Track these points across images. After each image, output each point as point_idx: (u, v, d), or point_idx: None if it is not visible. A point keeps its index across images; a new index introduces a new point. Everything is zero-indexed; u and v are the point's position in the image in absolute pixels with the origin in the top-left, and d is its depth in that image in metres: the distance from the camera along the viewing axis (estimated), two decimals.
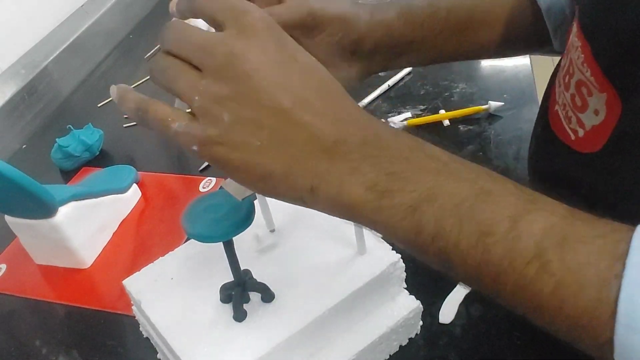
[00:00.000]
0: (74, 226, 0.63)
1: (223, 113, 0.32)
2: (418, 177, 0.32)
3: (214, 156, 0.33)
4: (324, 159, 0.33)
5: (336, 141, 0.33)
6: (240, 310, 0.46)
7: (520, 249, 0.29)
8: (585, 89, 0.41)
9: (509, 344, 0.50)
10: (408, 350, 0.52)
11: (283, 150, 0.32)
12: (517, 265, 0.29)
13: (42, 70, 0.97)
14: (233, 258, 0.45)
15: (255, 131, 0.32)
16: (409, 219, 0.32)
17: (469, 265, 0.31)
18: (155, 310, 0.48)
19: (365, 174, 0.32)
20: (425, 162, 0.33)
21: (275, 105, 0.32)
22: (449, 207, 0.31)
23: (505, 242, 0.30)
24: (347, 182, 0.33)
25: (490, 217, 0.30)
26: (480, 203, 0.31)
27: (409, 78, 0.90)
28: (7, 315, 0.63)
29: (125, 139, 0.88)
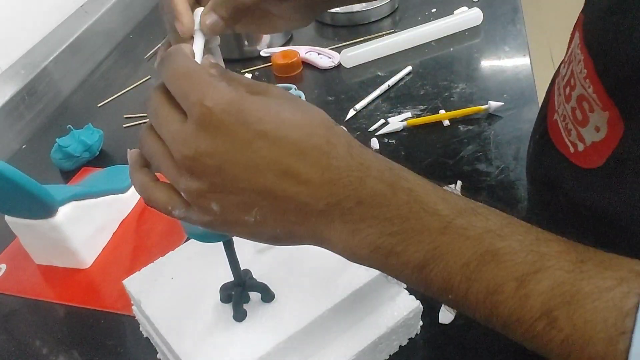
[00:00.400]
0: (74, 226, 0.63)
1: (210, 204, 0.33)
2: (420, 238, 0.32)
3: (221, 231, 0.35)
4: (321, 221, 0.33)
5: (328, 204, 0.33)
6: (240, 310, 0.46)
7: (529, 307, 0.30)
8: (587, 104, 0.40)
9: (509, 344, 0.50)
10: (408, 350, 0.52)
11: (279, 219, 0.33)
12: (525, 321, 0.30)
13: (42, 70, 0.97)
14: (233, 258, 0.45)
15: (246, 211, 0.33)
16: (416, 275, 0.33)
17: (478, 315, 0.33)
18: (155, 310, 0.48)
19: (367, 236, 0.33)
20: (426, 219, 0.33)
21: (255, 187, 0.32)
22: (456, 268, 0.32)
23: (513, 301, 0.30)
24: (349, 243, 0.33)
25: (497, 278, 0.31)
26: (486, 264, 0.31)
27: (409, 78, 0.90)
28: (7, 315, 0.63)
29: (125, 139, 0.88)
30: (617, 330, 0.28)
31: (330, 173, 0.33)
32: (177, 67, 0.33)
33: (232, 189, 0.32)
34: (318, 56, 0.97)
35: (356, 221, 0.33)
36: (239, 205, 0.33)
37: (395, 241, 0.33)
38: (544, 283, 0.30)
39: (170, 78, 0.33)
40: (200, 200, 0.33)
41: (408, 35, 0.97)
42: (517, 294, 0.30)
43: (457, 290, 0.32)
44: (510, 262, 0.31)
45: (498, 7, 1.02)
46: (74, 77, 1.05)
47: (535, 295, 0.30)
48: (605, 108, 0.38)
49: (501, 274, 0.31)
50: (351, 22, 1.07)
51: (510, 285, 0.30)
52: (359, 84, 0.91)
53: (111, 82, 1.05)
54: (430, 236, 0.32)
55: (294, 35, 1.08)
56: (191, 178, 0.33)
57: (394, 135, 0.78)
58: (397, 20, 1.07)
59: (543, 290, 0.30)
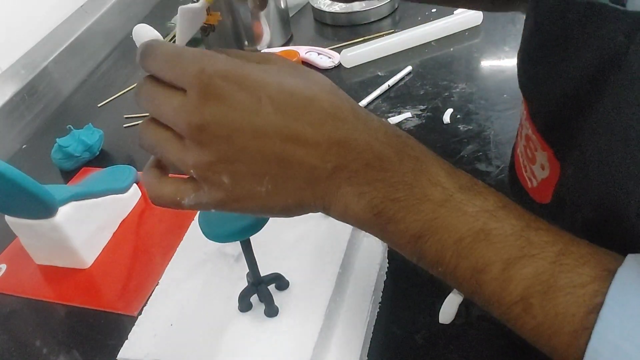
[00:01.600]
0: (74, 226, 0.63)
1: (221, 177, 0.33)
2: (421, 207, 0.33)
3: (232, 210, 0.35)
4: (330, 185, 0.34)
5: (336, 166, 0.33)
6: (273, 306, 0.46)
7: (510, 290, 0.32)
8: (532, 144, 0.42)
9: (509, 344, 0.50)
10: (408, 350, 0.52)
11: (290, 187, 0.33)
12: (504, 303, 0.33)
13: (42, 71, 0.97)
14: (250, 257, 0.45)
15: (257, 181, 0.33)
16: (412, 245, 0.35)
17: (464, 289, 0.35)
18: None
19: (371, 199, 0.34)
20: (429, 189, 0.34)
21: (264, 154, 0.32)
22: (449, 242, 0.33)
23: (497, 282, 0.32)
24: (354, 207, 0.34)
25: (485, 258, 0.33)
26: (478, 242, 0.33)
27: (409, 78, 0.90)
28: (7, 315, 0.63)
29: (125, 139, 0.88)
30: (581, 325, 0.30)
31: (337, 135, 0.33)
32: (166, 50, 0.33)
33: (242, 159, 0.32)
34: (318, 56, 0.97)
35: (362, 184, 0.33)
36: (250, 175, 0.33)
37: (397, 207, 0.33)
38: (526, 270, 0.32)
39: (162, 63, 0.33)
40: (210, 173, 0.33)
41: (408, 35, 0.97)
42: (502, 276, 0.32)
43: (447, 264, 0.34)
44: (500, 244, 0.32)
45: None
46: (74, 77, 1.05)
47: (517, 280, 0.32)
48: (544, 148, 0.40)
49: (490, 255, 0.32)
50: (351, 22, 1.07)
51: (496, 267, 0.32)
52: (359, 84, 0.91)
53: (111, 82, 1.05)
54: (430, 207, 0.33)
55: (294, 35, 1.08)
56: (200, 150, 0.32)
57: None
58: (397, 20, 1.07)
59: (525, 277, 0.32)
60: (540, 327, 0.32)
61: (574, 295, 0.30)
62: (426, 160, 0.34)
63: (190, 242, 0.55)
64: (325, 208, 0.35)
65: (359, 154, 0.33)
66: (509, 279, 0.32)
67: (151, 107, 0.34)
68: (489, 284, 0.33)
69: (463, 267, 0.33)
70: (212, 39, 1.02)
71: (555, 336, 0.31)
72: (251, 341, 0.45)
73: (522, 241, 0.32)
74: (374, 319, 0.54)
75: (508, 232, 0.32)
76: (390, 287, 0.57)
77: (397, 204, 0.33)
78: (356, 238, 0.55)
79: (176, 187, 0.35)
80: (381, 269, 0.56)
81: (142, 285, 0.62)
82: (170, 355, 0.46)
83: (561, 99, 0.36)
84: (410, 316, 0.54)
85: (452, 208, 0.33)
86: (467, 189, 0.34)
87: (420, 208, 0.33)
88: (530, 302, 0.31)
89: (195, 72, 0.31)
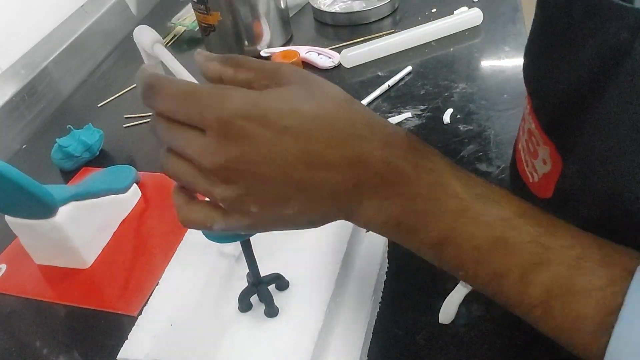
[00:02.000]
0: (74, 226, 0.63)
1: (249, 206, 0.34)
2: (439, 218, 0.35)
3: (262, 231, 0.37)
4: (351, 200, 0.35)
5: (356, 184, 0.35)
6: (273, 306, 0.46)
7: (529, 295, 0.33)
8: (534, 139, 0.43)
9: (509, 344, 0.50)
10: (408, 350, 0.52)
11: (315, 205, 0.35)
12: (525, 306, 0.34)
13: (42, 70, 0.97)
14: (251, 257, 0.45)
15: (284, 205, 0.35)
16: (432, 252, 0.36)
17: (484, 292, 0.36)
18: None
19: (391, 212, 0.35)
20: (446, 202, 0.35)
21: (288, 182, 0.33)
22: (467, 250, 0.34)
23: (516, 287, 0.34)
24: (375, 218, 0.36)
25: (504, 265, 0.34)
26: (496, 250, 0.34)
27: (409, 78, 0.90)
28: (7, 315, 0.63)
29: (125, 139, 0.88)
30: (601, 327, 0.31)
31: (355, 154, 0.34)
32: (176, 90, 0.33)
33: (268, 189, 0.34)
34: (318, 56, 0.97)
35: (382, 198, 0.35)
36: (276, 201, 0.34)
37: (415, 219, 0.35)
38: (545, 275, 0.33)
39: (174, 104, 0.33)
40: (239, 204, 0.34)
41: (408, 35, 0.97)
42: (520, 281, 0.33)
43: (467, 270, 0.35)
44: (518, 251, 0.33)
45: (498, 7, 1.02)
46: (74, 77, 1.05)
47: (535, 285, 0.33)
48: (546, 143, 0.41)
49: (508, 261, 0.34)
50: (351, 22, 1.07)
51: (515, 273, 0.33)
52: (359, 84, 0.91)
53: (111, 82, 1.05)
54: (447, 218, 0.35)
55: (294, 35, 1.08)
56: (226, 186, 0.33)
57: None
58: (397, 20, 1.07)
59: (543, 282, 0.33)
60: (560, 328, 0.33)
61: (593, 297, 0.31)
62: (442, 172, 0.35)
63: (190, 242, 0.55)
64: (349, 218, 0.37)
65: (377, 171, 0.34)
66: (528, 283, 0.33)
67: (171, 143, 0.35)
68: (508, 289, 0.34)
69: (482, 274, 0.34)
70: (212, 39, 1.02)
71: (576, 336, 0.32)
72: (251, 341, 0.45)
73: (540, 248, 0.33)
74: (374, 319, 0.54)
75: (526, 239, 0.33)
76: (390, 287, 0.57)
77: (416, 216, 0.35)
78: (356, 238, 0.54)
79: (205, 213, 0.36)
80: (381, 269, 0.55)
81: (142, 285, 0.62)
82: (170, 355, 0.46)
83: (565, 94, 0.37)
84: (410, 316, 0.54)
85: (469, 218, 0.34)
86: (484, 198, 0.35)
87: (438, 219, 0.35)
88: (550, 304, 0.32)
89: (214, 117, 0.32)
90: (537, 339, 0.50)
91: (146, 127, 0.90)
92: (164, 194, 0.76)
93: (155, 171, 0.79)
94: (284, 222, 0.36)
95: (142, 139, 0.87)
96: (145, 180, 0.77)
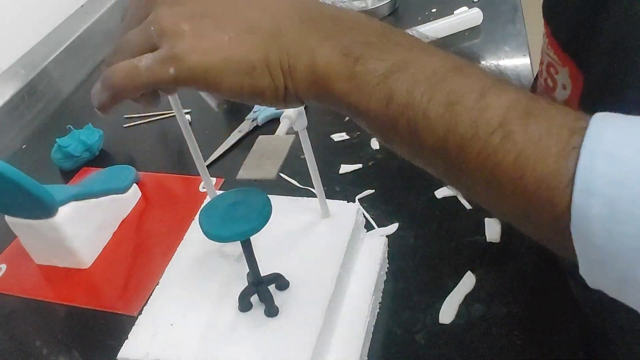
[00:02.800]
0: (74, 226, 0.63)
1: (181, 24, 0.32)
2: (392, 48, 0.33)
3: (192, 67, 0.32)
4: (296, 34, 0.33)
5: (303, 20, 0.33)
6: (273, 306, 0.46)
7: (487, 118, 0.30)
8: (553, 69, 0.45)
9: (509, 344, 0.50)
10: (408, 350, 0.52)
11: (255, 38, 0.33)
12: (482, 134, 0.30)
13: (42, 70, 0.97)
14: (251, 256, 0.45)
15: (219, 27, 0.33)
16: (381, 86, 0.32)
17: (436, 135, 0.31)
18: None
19: (340, 41, 0.33)
20: (399, 38, 0.33)
21: (231, 10, 0.33)
22: (421, 78, 0.32)
23: (472, 112, 0.30)
24: (321, 48, 0.33)
25: (460, 88, 0.31)
26: (452, 76, 0.32)
27: None
28: (7, 315, 0.63)
29: (125, 139, 0.88)
30: (568, 145, 0.28)
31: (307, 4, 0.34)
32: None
33: (207, 13, 0.33)
34: None
35: (331, 30, 0.33)
36: (210, 21, 0.33)
37: (367, 47, 0.33)
38: (502, 97, 0.30)
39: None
40: (171, 25, 0.33)
41: None
42: (477, 105, 0.30)
43: (419, 104, 0.31)
44: (475, 77, 0.32)
45: (498, 7, 1.02)
46: (74, 77, 1.05)
47: (493, 108, 0.30)
48: (565, 64, 0.42)
49: (463, 86, 0.31)
50: None
51: (471, 96, 0.31)
52: None
53: None
54: (401, 48, 0.33)
55: None
56: (168, 8, 0.33)
57: None
58: (397, 20, 1.07)
59: (501, 105, 0.30)
60: (523, 156, 0.29)
61: (557, 118, 0.29)
62: (390, 26, 0.35)
63: (190, 242, 0.55)
64: (290, 67, 0.33)
65: (327, 10, 0.34)
66: (485, 107, 0.30)
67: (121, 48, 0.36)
68: (464, 116, 0.31)
69: (436, 102, 0.31)
70: None
71: (541, 162, 0.28)
72: (251, 341, 0.45)
73: (494, 78, 0.32)
74: (374, 319, 0.54)
75: (480, 69, 0.32)
76: (390, 287, 0.57)
77: (367, 46, 0.33)
78: (356, 238, 0.55)
79: (132, 46, 0.35)
80: (381, 269, 0.56)
81: (142, 285, 0.62)
82: (170, 355, 0.46)
83: (579, 4, 0.39)
84: (410, 316, 0.54)
85: (422, 50, 0.33)
86: (434, 46, 0.34)
87: (392, 49, 0.32)
88: (509, 129, 0.29)
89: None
90: (536, 339, 0.50)
91: (146, 127, 0.90)
92: (164, 194, 0.76)
93: (155, 171, 0.79)
94: (218, 52, 0.33)
95: (142, 139, 0.87)
96: (145, 180, 0.77)
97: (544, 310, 0.53)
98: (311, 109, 0.87)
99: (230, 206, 0.42)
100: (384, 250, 0.57)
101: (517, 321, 0.52)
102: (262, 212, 0.41)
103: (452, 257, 0.59)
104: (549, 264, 0.56)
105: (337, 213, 0.54)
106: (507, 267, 0.57)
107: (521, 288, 0.55)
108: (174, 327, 0.48)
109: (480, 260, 0.58)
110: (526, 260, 0.57)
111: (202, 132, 0.85)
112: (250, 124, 0.85)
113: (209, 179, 0.54)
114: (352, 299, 0.52)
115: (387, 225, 0.64)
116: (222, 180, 0.75)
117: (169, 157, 0.84)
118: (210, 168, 0.78)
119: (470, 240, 0.59)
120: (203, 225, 0.41)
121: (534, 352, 0.49)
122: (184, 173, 0.78)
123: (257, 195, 0.43)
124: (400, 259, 0.60)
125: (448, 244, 0.60)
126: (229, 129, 0.84)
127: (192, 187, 0.75)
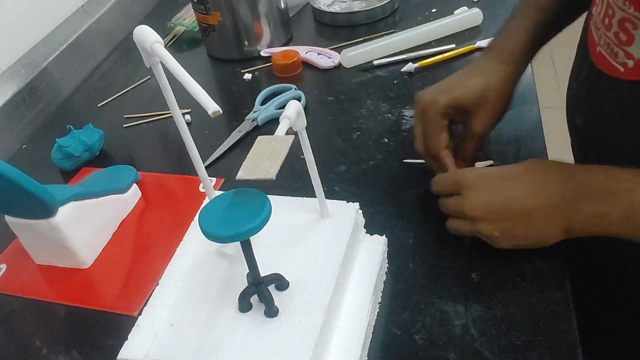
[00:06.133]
0: (74, 226, 0.63)
1: (494, 232, 0.55)
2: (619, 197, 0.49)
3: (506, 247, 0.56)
4: (559, 221, 0.52)
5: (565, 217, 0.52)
6: (273, 306, 0.46)
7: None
8: (630, 25, 0.49)
9: (509, 344, 0.50)
10: (408, 350, 0.52)
11: (537, 226, 0.53)
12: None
13: (42, 70, 0.97)
14: (251, 257, 0.45)
15: (515, 233, 0.54)
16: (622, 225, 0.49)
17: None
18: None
19: (610, 215, 0.49)
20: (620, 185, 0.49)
21: (519, 213, 0.53)
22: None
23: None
24: (597, 226, 0.50)
25: None
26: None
27: (409, 78, 0.90)
28: (7, 315, 0.63)
29: (125, 139, 0.88)
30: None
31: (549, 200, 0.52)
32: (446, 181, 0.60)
33: (506, 224, 0.54)
34: (318, 56, 0.97)
35: (595, 203, 0.50)
36: (510, 231, 0.54)
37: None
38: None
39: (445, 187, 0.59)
40: (488, 233, 0.55)
41: (408, 35, 0.97)
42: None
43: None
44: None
45: (498, 7, 1.02)
46: (74, 77, 1.05)
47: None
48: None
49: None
50: (351, 22, 1.07)
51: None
52: (359, 84, 0.91)
53: (111, 82, 1.04)
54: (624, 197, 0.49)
55: (294, 35, 1.08)
56: (487, 223, 0.55)
57: (395, 137, 0.78)
58: (397, 20, 1.07)
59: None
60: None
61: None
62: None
63: (190, 242, 0.55)
64: (569, 232, 0.52)
65: (572, 201, 0.52)
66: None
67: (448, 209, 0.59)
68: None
69: None
70: (212, 39, 1.02)
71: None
72: (251, 341, 0.45)
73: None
74: (374, 319, 0.54)
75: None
76: (390, 287, 0.57)
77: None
78: (356, 238, 0.55)
79: (460, 223, 0.57)
80: (381, 269, 0.56)
81: (142, 285, 0.62)
82: (170, 355, 0.46)
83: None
84: (410, 316, 0.54)
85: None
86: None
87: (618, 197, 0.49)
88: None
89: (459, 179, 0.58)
90: (536, 339, 0.50)
91: (146, 127, 0.90)
92: (164, 194, 0.76)
93: (155, 171, 0.79)
94: (517, 240, 0.54)
95: (142, 139, 0.87)
96: (145, 180, 0.77)
97: (544, 310, 0.53)
98: (311, 109, 0.87)
99: (230, 206, 0.42)
100: (384, 250, 0.57)
101: (517, 321, 0.52)
102: (261, 212, 0.41)
103: (452, 258, 0.59)
104: (549, 264, 0.57)
105: (337, 213, 0.54)
106: (507, 267, 0.57)
107: (521, 288, 0.55)
108: (174, 327, 0.48)
109: (480, 260, 0.58)
110: (526, 261, 0.57)
111: (202, 132, 0.85)
112: (250, 124, 0.85)
113: (207, 179, 0.54)
114: (352, 299, 0.52)
115: (386, 225, 0.64)
116: (222, 180, 0.75)
117: (169, 157, 0.84)
118: (210, 168, 0.78)
119: (470, 240, 0.59)
120: (203, 226, 0.41)
121: (533, 352, 0.50)
122: (184, 173, 0.78)
123: (257, 196, 0.43)
124: (400, 259, 0.60)
125: (448, 244, 0.60)
126: (228, 129, 0.84)
127: (192, 187, 0.75)
